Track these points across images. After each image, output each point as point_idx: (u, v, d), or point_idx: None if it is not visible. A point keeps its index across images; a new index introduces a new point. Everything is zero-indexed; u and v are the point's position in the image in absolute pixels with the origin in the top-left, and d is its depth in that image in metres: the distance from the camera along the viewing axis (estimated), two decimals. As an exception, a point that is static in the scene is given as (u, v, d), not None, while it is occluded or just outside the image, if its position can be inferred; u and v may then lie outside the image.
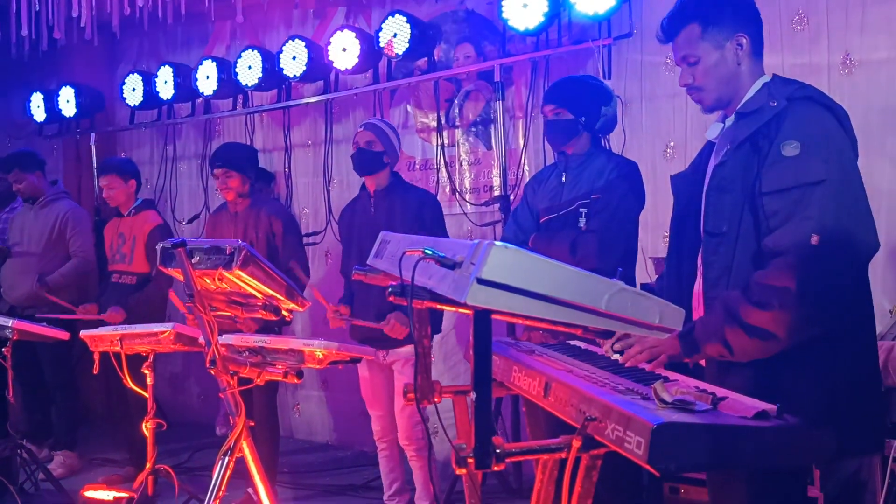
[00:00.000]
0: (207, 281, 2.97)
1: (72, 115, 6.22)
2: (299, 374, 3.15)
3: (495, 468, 1.67)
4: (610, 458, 2.55)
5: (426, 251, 1.59)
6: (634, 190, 3.08)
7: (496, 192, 4.76)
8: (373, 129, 3.75)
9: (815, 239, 1.90)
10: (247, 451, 3.06)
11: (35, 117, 6.42)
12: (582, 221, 3.06)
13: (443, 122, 5.01)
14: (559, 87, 3.29)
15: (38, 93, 6.38)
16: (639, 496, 3.11)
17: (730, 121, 2.22)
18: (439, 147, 4.99)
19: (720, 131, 2.25)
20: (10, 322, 4.25)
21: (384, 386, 3.76)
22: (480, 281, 1.36)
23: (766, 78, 2.20)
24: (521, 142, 4.77)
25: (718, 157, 2.20)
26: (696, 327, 2.07)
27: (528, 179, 4.79)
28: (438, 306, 1.65)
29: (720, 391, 1.72)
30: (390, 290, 1.63)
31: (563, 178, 3.19)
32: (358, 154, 3.73)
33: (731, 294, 2.03)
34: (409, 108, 5.36)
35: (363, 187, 3.87)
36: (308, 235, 5.37)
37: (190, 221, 6.05)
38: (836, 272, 1.94)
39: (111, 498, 3.66)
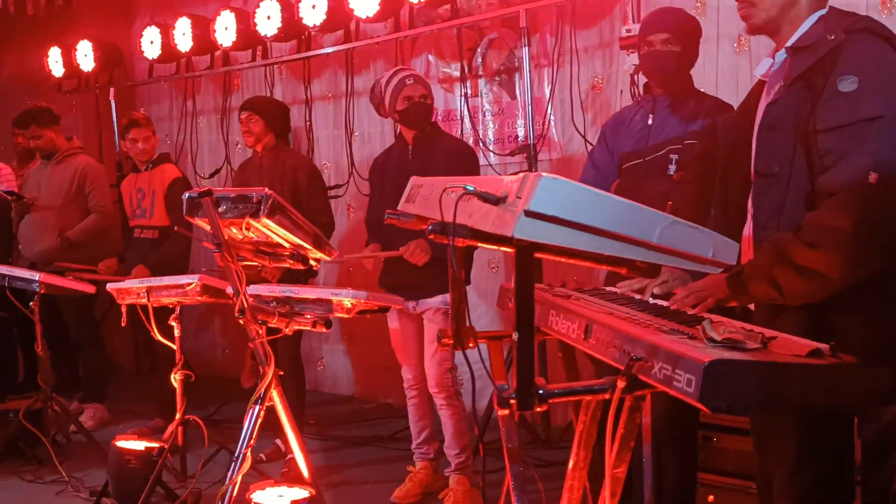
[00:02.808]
0: (234, 230, 2.94)
1: (90, 70, 6.17)
2: (328, 324, 3.13)
3: (538, 409, 1.65)
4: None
5: (467, 188, 1.55)
6: None
7: (521, 143, 4.68)
8: (422, 82, 3.72)
9: (872, 177, 1.83)
10: (277, 400, 3.06)
11: (53, 73, 6.38)
12: (671, 168, 2.87)
13: (465, 71, 4.92)
14: (673, 14, 3.05)
15: (55, 48, 6.33)
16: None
17: (781, 56, 2.13)
18: (462, 97, 4.91)
19: (770, 68, 2.16)
20: (36, 276, 4.27)
21: (414, 336, 3.74)
22: (528, 214, 1.32)
23: (823, 10, 2.11)
24: (547, 90, 4.68)
25: (770, 95, 2.12)
26: (744, 269, 2.01)
27: (553, 129, 4.74)
28: (479, 244, 1.61)
29: (769, 332, 1.67)
30: (430, 228, 1.59)
31: (650, 121, 2.99)
32: (413, 109, 3.66)
33: (783, 235, 1.96)
34: (430, 57, 5.26)
35: (400, 135, 3.82)
36: (329, 189, 5.33)
37: (211, 176, 6.02)
38: (893, 211, 1.87)
39: (142, 448, 3.68)
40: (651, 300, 2.19)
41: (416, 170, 3.53)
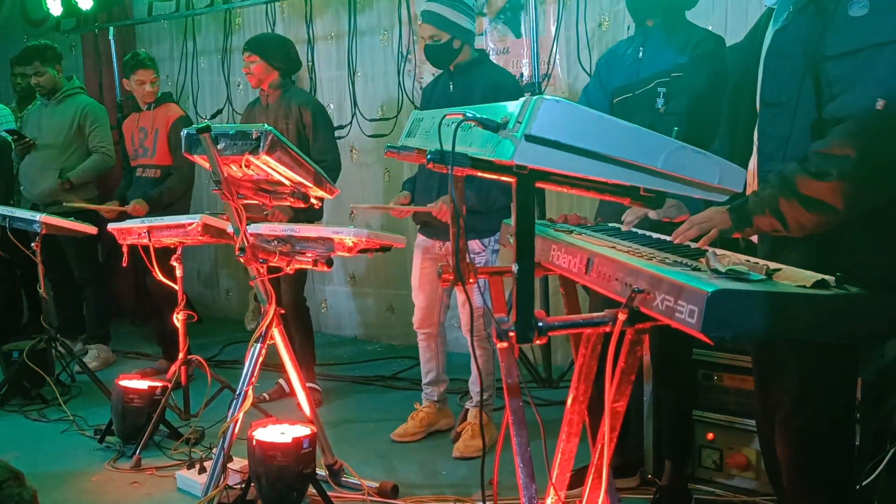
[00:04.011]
0: (234, 168, 2.90)
1: (89, 9, 6.04)
2: (329, 263, 3.11)
3: (537, 342, 1.63)
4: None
5: (467, 113, 1.51)
6: (721, 68, 2.73)
7: (526, 82, 4.60)
8: (432, 19, 3.51)
9: (880, 104, 1.77)
10: (278, 338, 3.06)
11: (51, 12, 6.26)
12: (660, 102, 2.81)
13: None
14: None
15: (52, -15, 6.19)
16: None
17: None
18: (466, 36, 4.80)
19: None
20: (37, 216, 4.25)
21: (435, 279, 3.65)
22: (529, 138, 1.27)
23: None
24: (553, 29, 4.58)
25: (779, 22, 2.05)
26: (748, 200, 1.97)
27: (559, 68, 4.65)
28: (479, 174, 1.57)
29: (773, 264, 1.64)
30: (429, 156, 1.56)
31: (641, 54, 2.91)
32: (427, 51, 3.56)
33: (788, 165, 1.92)
34: (434, -6, 5.14)
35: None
36: (333, 130, 5.26)
37: (212, 117, 5.94)
38: None
39: (146, 387, 3.70)
40: (654, 235, 2.17)
41: (457, 101, 3.45)
